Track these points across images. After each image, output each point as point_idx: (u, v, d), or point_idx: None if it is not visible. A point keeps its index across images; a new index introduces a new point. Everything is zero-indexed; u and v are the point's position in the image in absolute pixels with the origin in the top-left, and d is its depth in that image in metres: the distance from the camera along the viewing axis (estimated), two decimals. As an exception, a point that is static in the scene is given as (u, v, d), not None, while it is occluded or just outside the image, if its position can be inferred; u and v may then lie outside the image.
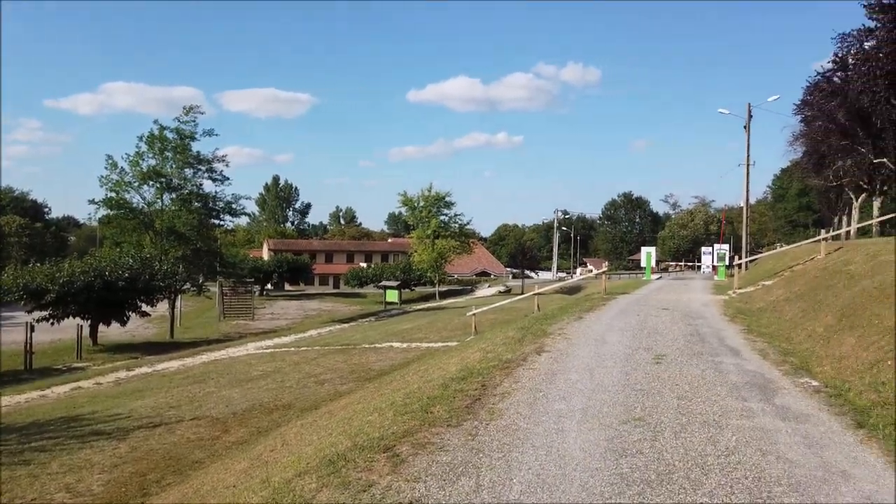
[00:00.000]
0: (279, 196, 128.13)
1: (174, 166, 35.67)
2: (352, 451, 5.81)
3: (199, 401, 14.62)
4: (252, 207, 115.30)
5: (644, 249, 41.36)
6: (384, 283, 52.15)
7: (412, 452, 5.56)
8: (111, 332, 31.80)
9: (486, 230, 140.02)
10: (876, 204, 27.33)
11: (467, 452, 5.52)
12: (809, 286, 15.20)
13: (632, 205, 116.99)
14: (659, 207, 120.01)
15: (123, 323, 30.39)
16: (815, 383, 8.02)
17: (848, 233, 29.41)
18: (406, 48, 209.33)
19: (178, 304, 37.05)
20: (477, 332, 20.69)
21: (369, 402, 9.65)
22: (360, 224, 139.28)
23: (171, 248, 34.41)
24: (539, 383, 8.13)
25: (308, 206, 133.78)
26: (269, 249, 78.06)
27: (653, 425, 6.22)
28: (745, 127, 34.93)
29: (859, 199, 30.83)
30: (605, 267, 34.98)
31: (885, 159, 21.70)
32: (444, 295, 55.74)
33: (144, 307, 30.92)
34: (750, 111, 34.63)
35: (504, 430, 6.16)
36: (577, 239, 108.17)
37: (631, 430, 6.09)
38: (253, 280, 51.58)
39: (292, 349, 23.66)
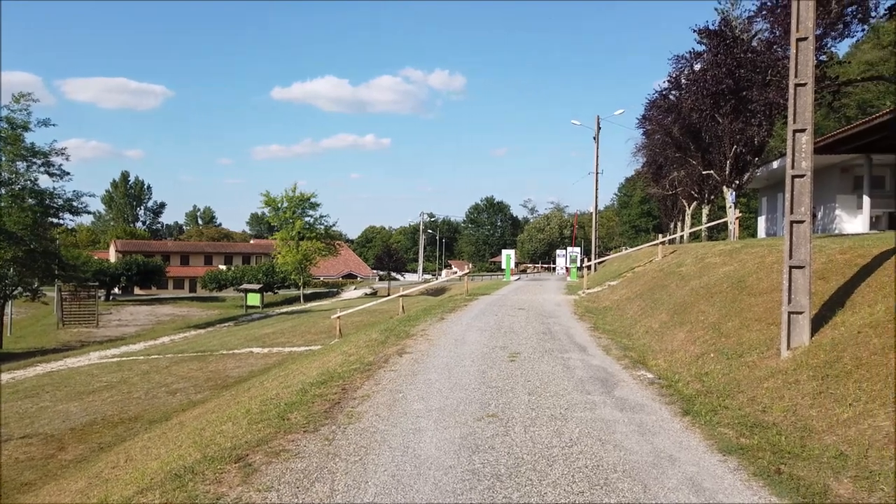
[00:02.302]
0: (129, 194, 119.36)
1: (4, 159, 32.06)
2: (201, 464, 5.56)
3: (31, 417, 13.32)
4: (97, 206, 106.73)
5: (504, 252, 42.94)
6: (245, 286, 50.14)
7: (266, 461, 5.43)
8: (-78, 344, 28.11)
9: (353, 232, 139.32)
10: (705, 211, 30.41)
11: (323, 458, 5.48)
12: (648, 286, 16.55)
13: (493, 209, 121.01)
14: (518, 212, 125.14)
15: (-61, 333, 26.95)
16: (650, 375, 8.76)
17: (682, 237, 32.42)
18: (271, 44, 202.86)
19: (8, 310, 33.46)
20: (341, 334, 20.51)
21: (224, 410, 9.29)
22: (220, 224, 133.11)
23: (0, 250, 30.94)
24: (399, 385, 8.22)
25: (162, 205, 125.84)
26: (116, 251, 72.49)
27: (505, 421, 6.50)
28: (594, 138, 37.44)
29: (691, 207, 34.11)
30: (467, 269, 35.90)
31: (712, 171, 24.12)
32: (308, 298, 54.63)
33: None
34: (599, 123, 37.16)
35: (362, 432, 6.17)
36: (442, 241, 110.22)
37: (485, 426, 6.33)
38: (97, 284, 47.57)
39: (141, 357, 22.16)
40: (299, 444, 5.88)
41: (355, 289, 64.93)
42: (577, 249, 40.74)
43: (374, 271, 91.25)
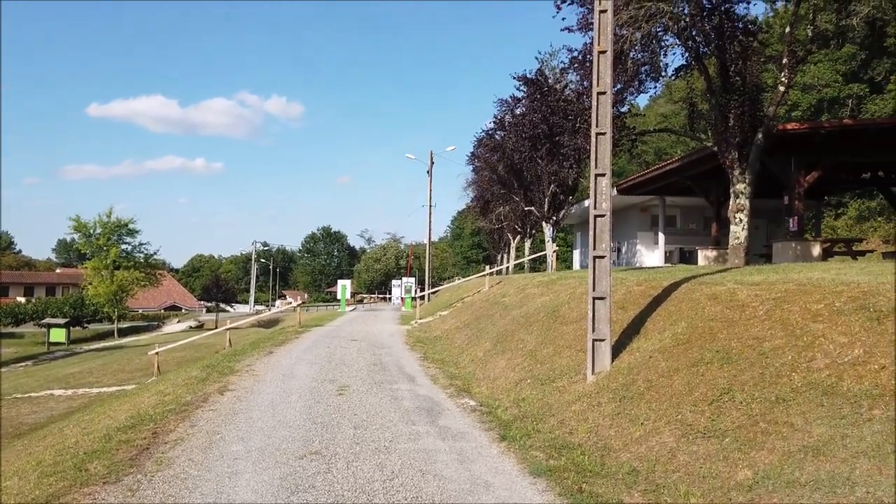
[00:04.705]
0: None
1: None
2: (-26, 529, 4.89)
3: None
4: None
5: (340, 282, 42.65)
6: (48, 320, 44.99)
7: (55, 520, 4.90)
8: None
9: (179, 261, 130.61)
10: (527, 244, 32.51)
11: (124, 511, 5.05)
12: (475, 316, 17.26)
13: (330, 238, 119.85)
14: (356, 242, 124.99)
15: None
16: (472, 403, 9.11)
17: (507, 268, 34.29)
18: (88, 56, 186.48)
19: None
20: (160, 372, 19.09)
21: (12, 464, 8.22)
22: (20, 251, 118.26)
23: None
24: (218, 425, 7.81)
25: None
26: None
27: (328, 457, 6.42)
28: (427, 172, 38.67)
29: (516, 240, 36.29)
30: (300, 299, 35.13)
31: (532, 208, 25.90)
32: (124, 332, 50.12)
33: None
34: (432, 158, 38.50)
35: (171, 480, 5.77)
36: (276, 271, 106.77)
37: (307, 464, 6.20)
38: None
39: None
40: (97, 497, 5.37)
41: (179, 321, 60.83)
42: (412, 280, 41.54)
43: (202, 302, 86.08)
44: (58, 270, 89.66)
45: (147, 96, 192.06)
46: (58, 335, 42.28)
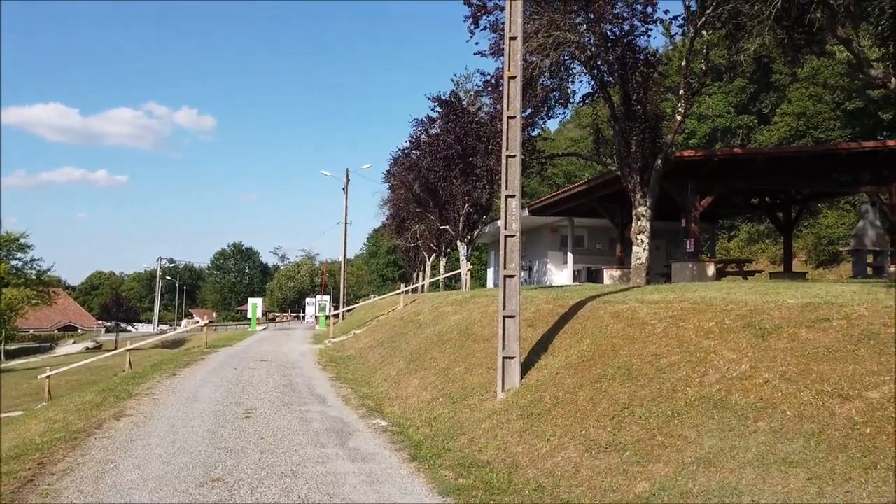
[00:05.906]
0: None
1: None
2: None
3: None
4: None
5: (251, 300, 41.41)
6: (-78, 342, 41.23)
7: (-81, 564, 4.47)
8: None
9: (76, 278, 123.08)
10: (443, 263, 32.72)
11: (2, 550, 4.68)
12: (389, 334, 17.18)
13: (242, 255, 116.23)
14: (269, 259, 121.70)
15: None
16: (384, 423, 9.03)
17: (423, 286, 34.37)
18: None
19: None
20: (51, 397, 17.89)
21: None
22: None
23: None
24: (112, 453, 7.38)
25: None
26: None
27: (231, 484, 6.19)
28: (343, 189, 38.33)
29: (431, 259, 36.44)
30: (207, 319, 33.85)
31: (448, 226, 26.19)
32: (12, 355, 46.60)
33: None
34: (348, 175, 38.20)
35: (57, 514, 5.40)
36: (183, 289, 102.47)
37: (208, 492, 5.96)
38: None
39: None
40: (-29, 537, 4.95)
41: (75, 342, 57.31)
42: (327, 298, 40.89)
43: (101, 322, 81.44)
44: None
45: (45, 104, 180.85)
46: (-67, 359, 38.78)
